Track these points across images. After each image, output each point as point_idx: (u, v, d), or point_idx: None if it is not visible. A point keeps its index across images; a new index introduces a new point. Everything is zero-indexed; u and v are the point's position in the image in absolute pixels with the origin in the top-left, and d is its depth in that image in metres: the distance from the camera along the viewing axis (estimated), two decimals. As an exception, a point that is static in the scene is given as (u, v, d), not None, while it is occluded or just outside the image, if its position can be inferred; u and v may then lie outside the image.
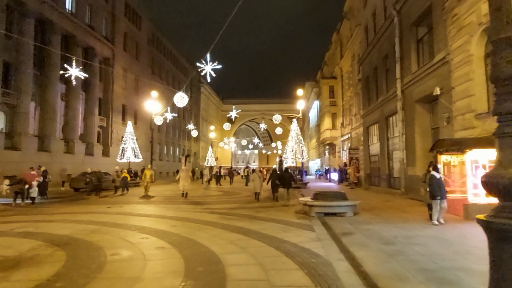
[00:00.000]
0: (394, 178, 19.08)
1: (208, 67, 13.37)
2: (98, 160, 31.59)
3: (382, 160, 20.75)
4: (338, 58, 38.56)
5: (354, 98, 30.99)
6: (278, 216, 10.40)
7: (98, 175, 17.02)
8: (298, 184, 25.42)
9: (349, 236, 7.44)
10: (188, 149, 64.50)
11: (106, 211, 11.31)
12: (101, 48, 33.55)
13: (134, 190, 22.62)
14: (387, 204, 13.56)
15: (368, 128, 24.60)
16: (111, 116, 35.15)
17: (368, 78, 24.43)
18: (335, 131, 39.09)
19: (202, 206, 13.24)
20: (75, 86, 29.22)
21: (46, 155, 24.85)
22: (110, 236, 7.01)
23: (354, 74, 31.20)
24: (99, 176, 17.01)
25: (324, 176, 43.75)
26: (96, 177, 16.80)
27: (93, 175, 16.87)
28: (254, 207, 12.89)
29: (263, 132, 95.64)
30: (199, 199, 16.31)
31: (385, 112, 20.20)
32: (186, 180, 18.01)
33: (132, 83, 40.81)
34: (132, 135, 28.48)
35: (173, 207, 12.78)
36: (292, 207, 12.87)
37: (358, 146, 28.74)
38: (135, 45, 41.58)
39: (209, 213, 10.82)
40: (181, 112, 59.64)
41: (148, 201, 15.00)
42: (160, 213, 10.98)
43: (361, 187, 24.93)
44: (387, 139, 20.19)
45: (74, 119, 29.17)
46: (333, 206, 10.05)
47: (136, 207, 12.45)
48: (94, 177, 16.80)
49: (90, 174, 16.97)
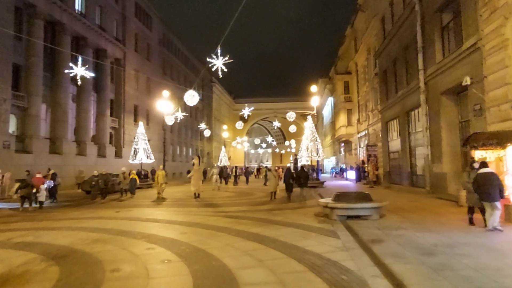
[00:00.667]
0: (417, 176, 17.99)
1: (219, 61, 12.63)
2: (111, 161, 31.35)
3: (403, 156, 19.65)
4: (353, 53, 37.36)
5: (371, 93, 29.83)
6: (296, 219, 9.58)
7: (105, 177, 16.32)
8: (315, 183, 24.51)
9: (380, 244, 6.57)
10: (201, 149, 64.19)
11: (113, 216, 10.71)
12: (112, 49, 33.29)
13: (146, 191, 22.17)
14: (414, 204, 12.57)
15: (387, 124, 23.47)
16: (123, 117, 34.90)
17: (386, 72, 23.30)
18: (351, 127, 37.94)
19: (214, 208, 12.53)
20: (86, 87, 29.18)
21: (58, 157, 24.63)
22: (112, 247, 6.34)
23: (370, 68, 30.04)
24: (106, 179, 16.29)
25: (340, 174, 42.63)
26: (103, 180, 16.12)
27: (100, 177, 16.15)
28: (270, 209, 12.11)
29: (276, 130, 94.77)
30: (212, 200, 15.62)
31: (406, 106, 19.10)
32: (198, 180, 17.60)
33: (144, 84, 40.52)
34: (144, 135, 28.04)
35: (184, 210, 12.11)
36: (310, 209, 12.03)
37: (376, 142, 27.61)
38: (146, 46, 41.26)
39: (222, 217, 10.09)
40: (193, 112, 59.35)
41: (158, 204, 14.36)
42: (170, 217, 10.31)
43: (381, 185, 23.84)
44: (409, 134, 19.08)
45: (86, 121, 28.95)
46: (357, 208, 9.17)
47: (145, 211, 11.82)
48: (101, 179, 16.12)
49: (97, 177, 16.27)
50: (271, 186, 15.98)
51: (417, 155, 17.92)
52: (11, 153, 20.85)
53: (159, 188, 17.10)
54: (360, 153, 34.94)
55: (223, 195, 18.55)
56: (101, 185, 15.95)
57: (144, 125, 40.08)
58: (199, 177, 18.14)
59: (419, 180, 17.67)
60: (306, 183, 15.79)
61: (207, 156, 66.70)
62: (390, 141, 23.17)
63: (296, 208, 12.47)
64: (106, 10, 32.59)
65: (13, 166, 20.03)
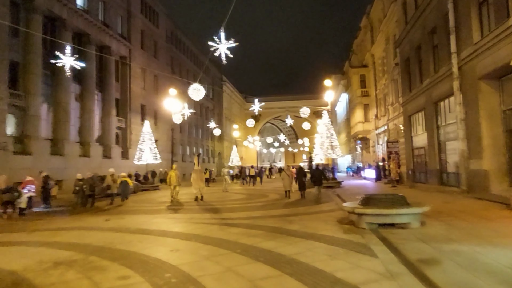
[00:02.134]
0: (449, 174, 16.01)
1: (222, 45, 11.02)
2: (117, 162, 30.10)
3: (431, 152, 17.68)
4: (369, 44, 35.30)
5: (390, 86, 27.80)
6: (316, 228, 7.88)
7: (90, 181, 14.05)
8: (331, 183, 22.70)
9: (436, 267, 4.83)
10: (211, 149, 62.85)
11: (100, 225, 9.15)
12: (117, 46, 32.11)
13: (149, 195, 20.72)
14: (451, 207, 10.67)
15: (410, 117, 21.48)
16: (129, 116, 33.71)
17: (409, 60, 21.32)
18: (368, 123, 35.86)
19: (220, 214, 10.91)
20: (89, 86, 28.05)
21: (59, 159, 23.47)
22: (74, 274, 4.77)
23: (389, 59, 28.01)
24: (92, 183, 14.07)
25: (357, 173, 40.57)
26: (88, 184, 13.76)
27: (85, 181, 13.93)
28: (285, 214, 10.42)
29: (289, 129, 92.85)
30: (218, 204, 14.02)
31: (434, 97, 17.14)
32: (200, 181, 16.15)
33: (151, 83, 39.31)
34: (150, 135, 26.68)
35: (184, 218, 10.51)
36: (331, 213, 10.31)
37: (397, 138, 25.60)
38: (153, 43, 40.04)
39: (228, 226, 8.45)
40: (203, 112, 58.07)
41: (155, 210, 12.78)
42: (165, 227, 8.72)
43: (403, 184, 21.85)
44: (437, 128, 17.11)
45: (90, 121, 27.78)
46: (393, 214, 7.41)
47: (139, 219, 10.23)
48: (86, 184, 13.74)
49: (81, 181, 14.06)
50: (286, 185, 16.06)
51: (448, 150, 15.96)
52: (8, 155, 19.71)
53: (172, 191, 15.57)
54: (379, 150, 32.87)
55: (232, 198, 16.94)
56: (87, 191, 13.76)
57: (151, 125, 39.07)
58: (201, 178, 16.65)
59: (451, 179, 15.70)
60: (320, 182, 15.43)
61: (218, 156, 65.33)
62: (414, 136, 21.19)
63: (314, 213, 10.75)
64: (110, 6, 31.41)
65: (9, 168, 18.82)
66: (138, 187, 23.01)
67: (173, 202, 14.94)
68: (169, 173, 16.15)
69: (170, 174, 15.97)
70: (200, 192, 15.58)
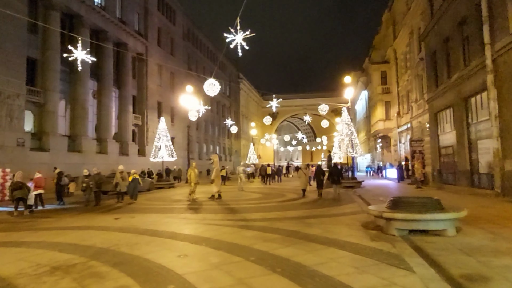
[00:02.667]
0: (481, 175, 14.89)
1: (238, 36, 10.43)
2: (134, 159, 30.12)
3: (460, 152, 16.56)
4: (391, 39, 33.98)
5: (414, 82, 26.55)
6: (339, 233, 7.18)
7: (97, 178, 13.45)
8: (352, 183, 21.81)
9: (486, 286, 4.07)
10: (228, 147, 62.54)
11: (108, 225, 8.73)
12: (134, 43, 32.05)
13: (165, 192, 20.38)
14: (490, 212, 9.73)
15: (437, 115, 20.32)
16: (146, 113, 33.65)
17: (435, 54, 20.16)
18: (390, 121, 34.55)
19: (233, 215, 10.33)
20: (107, 83, 28.06)
21: (77, 155, 23.49)
22: (69, 283, 4.26)
23: (413, 54, 26.76)
24: (98, 180, 13.34)
25: (377, 173, 39.32)
26: (94, 181, 13.06)
27: (91, 178, 13.30)
28: (303, 216, 9.74)
29: (306, 127, 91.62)
30: (232, 204, 13.45)
31: (464, 92, 16.02)
32: (218, 181, 15.70)
33: (168, 80, 39.20)
34: (166, 132, 26.42)
35: (196, 218, 9.97)
36: (354, 216, 9.57)
37: (421, 137, 24.38)
38: (170, 40, 39.93)
39: (242, 229, 7.85)
40: (220, 109, 57.81)
41: (167, 209, 12.31)
42: (175, 228, 8.19)
43: (429, 186, 20.73)
44: (468, 125, 15.98)
45: (107, 118, 27.78)
46: (427, 220, 6.62)
47: (150, 219, 9.75)
48: (92, 181, 13.07)
49: (88, 177, 13.40)
50: (302, 184, 16.17)
51: (480, 149, 14.83)
52: (25, 151, 19.78)
53: (192, 189, 15.20)
54: (401, 150, 31.60)
55: (248, 197, 16.35)
56: (93, 187, 13.08)
57: (168, 122, 38.97)
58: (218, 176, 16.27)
59: (483, 180, 14.60)
60: (339, 180, 15.83)
61: (235, 154, 64.97)
62: (440, 135, 20.02)
63: (335, 215, 10.01)
64: (127, 3, 31.36)
65: (27, 164, 18.88)
66: (153, 184, 22.75)
67: (190, 200, 14.53)
68: (189, 171, 15.73)
69: (189, 172, 15.58)
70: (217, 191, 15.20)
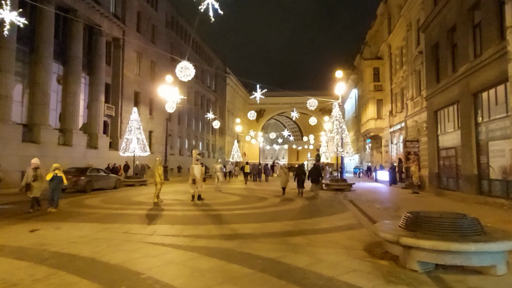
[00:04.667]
0: (491, 181, 12.99)
1: (209, -3, 8.09)
2: (104, 153, 27.42)
3: (466, 154, 14.65)
4: (385, 34, 32.13)
5: (410, 78, 24.69)
6: (336, 265, 4.97)
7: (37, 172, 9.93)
8: (341, 186, 19.80)
9: None
10: (212, 143, 60.00)
11: (12, 243, 6.15)
12: (109, 26, 29.19)
13: (132, 191, 17.81)
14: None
15: (437, 113, 18.46)
16: (120, 104, 30.90)
17: (437, 46, 18.27)
18: (381, 121, 32.75)
19: (196, 228, 7.99)
20: (75, 67, 25.22)
21: (33, 147, 20.69)
22: None
23: (410, 48, 24.89)
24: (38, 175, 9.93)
25: (365, 174, 37.59)
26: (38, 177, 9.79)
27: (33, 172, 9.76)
28: (286, 231, 7.51)
29: (293, 126, 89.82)
30: (202, 209, 11.12)
31: (473, 86, 14.10)
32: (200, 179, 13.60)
33: (147, 69, 36.45)
34: (139, 123, 23.89)
35: (141, 232, 7.54)
36: (350, 232, 7.44)
37: (417, 137, 22.54)
38: (151, 27, 37.15)
39: (197, 254, 5.55)
40: (205, 104, 55.19)
41: (115, 216, 9.83)
42: (99, 252, 5.73)
43: (426, 191, 18.90)
44: (476, 124, 14.07)
45: (74, 106, 24.94)
46: (469, 252, 4.46)
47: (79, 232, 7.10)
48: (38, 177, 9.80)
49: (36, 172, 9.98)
50: (282, 182, 16.75)
51: (492, 152, 12.92)
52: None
53: (157, 189, 12.65)
54: (393, 150, 29.82)
55: (223, 200, 14.05)
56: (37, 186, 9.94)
57: (146, 114, 36.28)
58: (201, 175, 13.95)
59: (495, 187, 12.70)
60: (318, 180, 16.70)
61: (219, 151, 62.45)
62: (440, 135, 18.16)
63: (327, 230, 7.81)
64: (102, -19, 28.50)
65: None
66: (120, 181, 20.22)
67: (156, 204, 12.14)
68: (156, 166, 12.94)
69: (157, 167, 12.92)
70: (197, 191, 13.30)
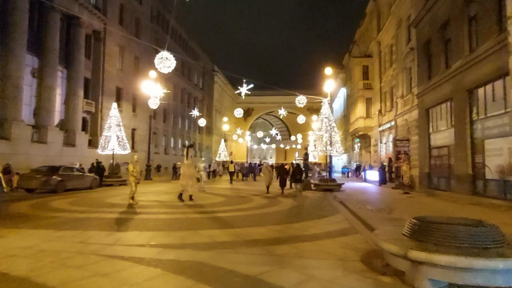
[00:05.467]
0: (487, 181, 12.39)
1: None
2: (83, 151, 26.08)
3: (459, 153, 14.07)
4: (375, 32, 31.65)
5: (400, 76, 24.17)
6: (330, 283, 4.10)
7: None
8: (330, 186, 19.06)
9: None
10: (199, 142, 58.78)
11: None
12: (89, 18, 27.83)
13: (108, 191, 16.65)
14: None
15: (428, 111, 17.92)
16: (101, 100, 29.53)
17: (429, 42, 17.73)
18: (370, 120, 32.26)
19: (168, 235, 7.04)
20: (51, 60, 23.84)
21: (3, 144, 19.33)
22: None
23: (400, 45, 24.38)
24: None
25: (354, 174, 37.08)
26: None
27: None
28: (271, 239, 6.63)
29: (281, 126, 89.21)
30: (181, 211, 10.15)
31: (468, 82, 13.52)
32: (189, 178, 13.09)
33: (131, 64, 35.12)
34: (118, 120, 22.69)
35: (102, 242, 6.50)
36: (343, 239, 6.62)
37: (408, 136, 22.00)
38: (135, 20, 35.81)
39: (162, 270, 4.61)
40: (192, 102, 53.95)
41: (78, 221, 8.79)
42: (36, 270, 4.82)
43: (416, 190, 18.30)
44: (471, 122, 13.49)
45: (49, 101, 23.56)
46: (492, 270, 3.65)
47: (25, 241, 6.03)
48: None
49: None
50: (266, 181, 17.61)
51: (488, 150, 12.32)
52: None
53: (131, 190, 11.58)
54: (382, 150, 29.33)
55: (206, 201, 13.08)
56: None
57: (129, 111, 34.95)
58: (189, 174, 13.23)
59: (491, 188, 12.10)
60: (300, 179, 17.43)
61: (206, 150, 61.27)
62: (432, 133, 17.61)
63: (317, 236, 6.96)
64: (82, -29, 27.11)
65: None
66: (97, 181, 19.05)
67: (130, 205, 11.11)
68: (129, 165, 11.78)
69: (129, 167, 11.72)
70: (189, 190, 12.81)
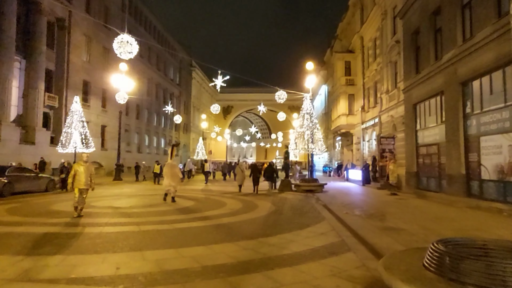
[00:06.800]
0: (484, 182, 11.32)
1: None
2: (43, 150, 23.72)
3: (451, 151, 13.01)
4: (358, 26, 30.63)
5: (385, 70, 23.17)
6: None
7: None
8: (312, 186, 17.77)
9: None
10: (176, 140, 56.60)
11: None
12: (51, 4, 25.43)
13: (62, 196, 14.65)
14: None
15: (416, 106, 16.87)
16: (65, 94, 27.18)
17: (419, 32, 16.63)
18: (353, 117, 31.27)
19: (104, 260, 5.44)
20: (6, 48, 21.46)
21: None
22: None
23: (385, 38, 23.37)
24: None
25: (336, 173, 36.06)
26: None
27: None
28: (242, 262, 5.13)
29: (262, 124, 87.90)
30: (139, 220, 8.49)
31: (462, 74, 12.43)
32: (173, 178, 12.40)
33: (100, 56, 32.75)
34: (81, 115, 20.65)
35: (13, 272, 4.92)
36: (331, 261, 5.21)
37: (393, 133, 21.00)
38: (104, 8, 33.42)
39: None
40: (168, 98, 51.72)
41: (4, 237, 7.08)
42: None
43: (403, 191, 17.23)
44: (465, 117, 12.42)
45: (4, 94, 21.18)
46: None
47: None
48: None
49: None
50: (239, 180, 17.82)
51: (485, 148, 11.24)
52: None
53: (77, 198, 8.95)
54: (365, 148, 28.37)
55: (173, 206, 11.44)
56: None
57: (98, 107, 32.62)
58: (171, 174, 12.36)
59: (489, 189, 11.03)
60: (273, 178, 18.22)
61: (183, 149, 59.13)
62: (420, 130, 16.57)
63: (300, 257, 5.50)
64: (42, -49, 24.69)
65: None
66: (53, 183, 17.00)
67: (77, 216, 9.14)
68: (74, 167, 9.20)
69: (75, 169, 9.09)
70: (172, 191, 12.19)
